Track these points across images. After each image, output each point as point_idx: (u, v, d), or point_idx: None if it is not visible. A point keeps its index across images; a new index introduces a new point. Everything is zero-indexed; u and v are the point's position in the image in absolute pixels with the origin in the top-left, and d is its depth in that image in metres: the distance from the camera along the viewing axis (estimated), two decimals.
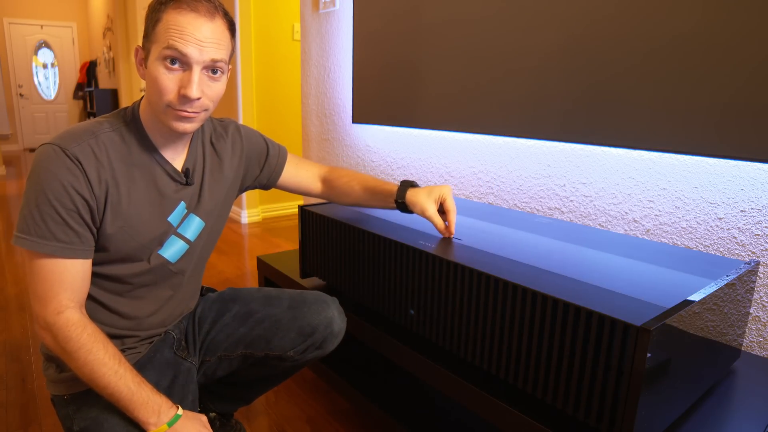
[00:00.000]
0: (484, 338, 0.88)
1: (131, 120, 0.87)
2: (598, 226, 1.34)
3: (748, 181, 1.07)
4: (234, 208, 3.59)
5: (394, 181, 2.03)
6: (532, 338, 0.80)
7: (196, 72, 0.79)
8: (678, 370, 0.75)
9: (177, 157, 0.92)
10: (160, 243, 0.91)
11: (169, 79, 0.79)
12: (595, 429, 0.76)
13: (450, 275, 0.92)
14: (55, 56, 7.55)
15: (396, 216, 1.23)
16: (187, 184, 0.93)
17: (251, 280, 2.38)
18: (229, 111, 3.42)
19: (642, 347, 0.66)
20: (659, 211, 1.23)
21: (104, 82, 6.89)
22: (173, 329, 1.03)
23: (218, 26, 0.80)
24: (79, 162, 0.78)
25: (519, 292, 0.81)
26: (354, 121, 2.10)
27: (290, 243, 3.00)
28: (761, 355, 1.10)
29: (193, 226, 0.96)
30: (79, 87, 7.67)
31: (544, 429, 0.79)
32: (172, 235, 0.93)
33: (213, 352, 1.05)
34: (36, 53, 7.39)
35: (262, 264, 1.59)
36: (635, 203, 1.27)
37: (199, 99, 0.80)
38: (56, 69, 7.60)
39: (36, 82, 7.46)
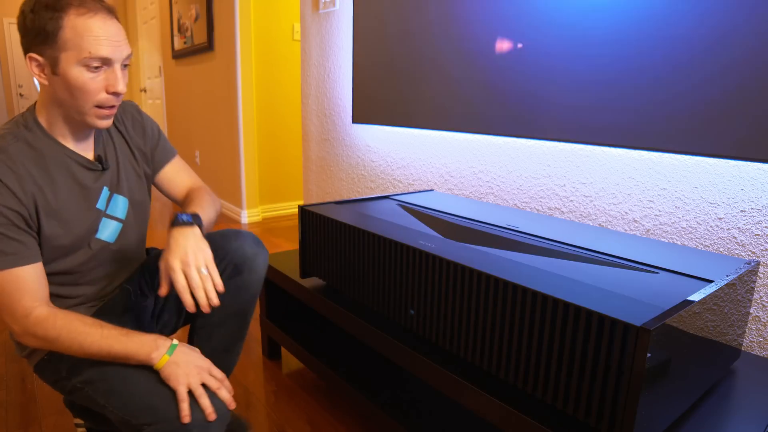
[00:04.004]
0: (484, 338, 0.88)
1: (32, 125, 0.90)
2: (599, 226, 1.35)
3: (748, 181, 1.07)
4: (234, 207, 3.59)
5: (394, 181, 2.03)
6: (532, 338, 0.80)
7: (119, 69, 0.85)
8: (678, 370, 0.75)
9: (86, 149, 0.96)
10: (95, 229, 0.97)
11: (95, 82, 0.83)
12: (595, 429, 0.76)
13: (450, 275, 0.92)
14: None
15: (396, 216, 1.23)
16: (104, 169, 0.98)
17: None
18: (229, 111, 3.42)
19: (642, 347, 0.66)
20: (659, 211, 1.23)
21: None
22: (128, 284, 1.08)
23: (115, 21, 0.85)
24: (0, 181, 0.82)
25: (519, 292, 0.81)
26: (354, 121, 2.10)
27: (290, 243, 3.00)
28: (761, 355, 1.10)
29: (120, 205, 1.02)
30: None
31: (544, 429, 0.79)
32: (103, 218, 0.98)
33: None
34: None
35: None
36: (635, 203, 1.27)
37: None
38: None
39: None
